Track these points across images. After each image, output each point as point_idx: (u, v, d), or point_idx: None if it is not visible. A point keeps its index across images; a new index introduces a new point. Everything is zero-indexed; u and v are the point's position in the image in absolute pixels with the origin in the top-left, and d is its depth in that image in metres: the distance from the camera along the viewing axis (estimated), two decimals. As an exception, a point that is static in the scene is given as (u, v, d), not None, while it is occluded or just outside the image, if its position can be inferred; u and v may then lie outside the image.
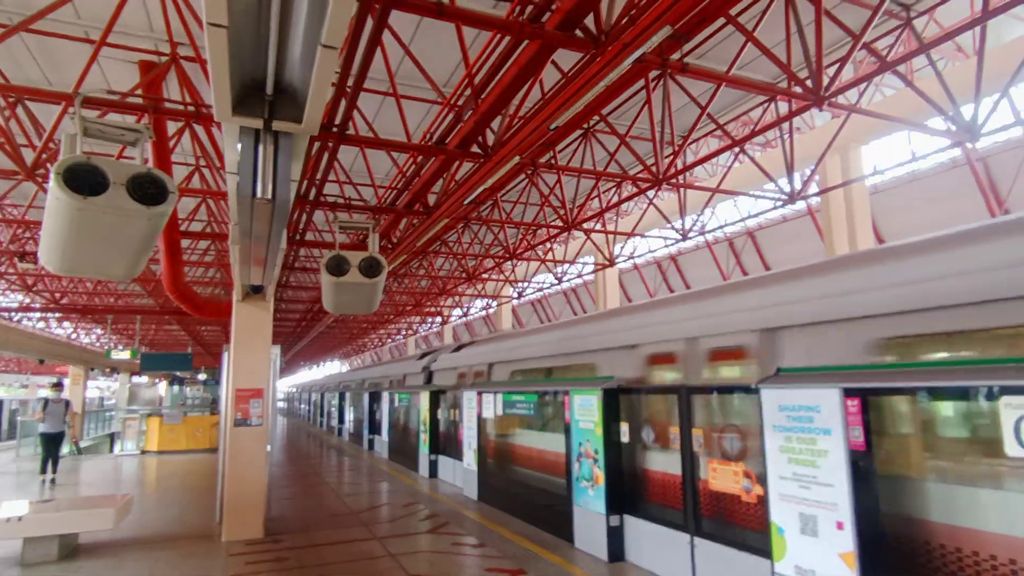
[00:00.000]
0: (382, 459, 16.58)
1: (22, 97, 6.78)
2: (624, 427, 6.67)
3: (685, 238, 11.74)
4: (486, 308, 22.29)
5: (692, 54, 8.43)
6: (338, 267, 6.51)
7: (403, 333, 34.88)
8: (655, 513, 6.14)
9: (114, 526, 7.14)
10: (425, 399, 13.19)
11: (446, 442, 12.68)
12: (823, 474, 4.12)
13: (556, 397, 7.93)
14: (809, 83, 6.25)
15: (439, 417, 12.98)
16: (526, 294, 19.48)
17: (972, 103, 6.39)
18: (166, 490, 11.50)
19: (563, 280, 16.50)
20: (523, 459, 8.83)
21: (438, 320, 29.50)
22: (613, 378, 6.84)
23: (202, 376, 25.00)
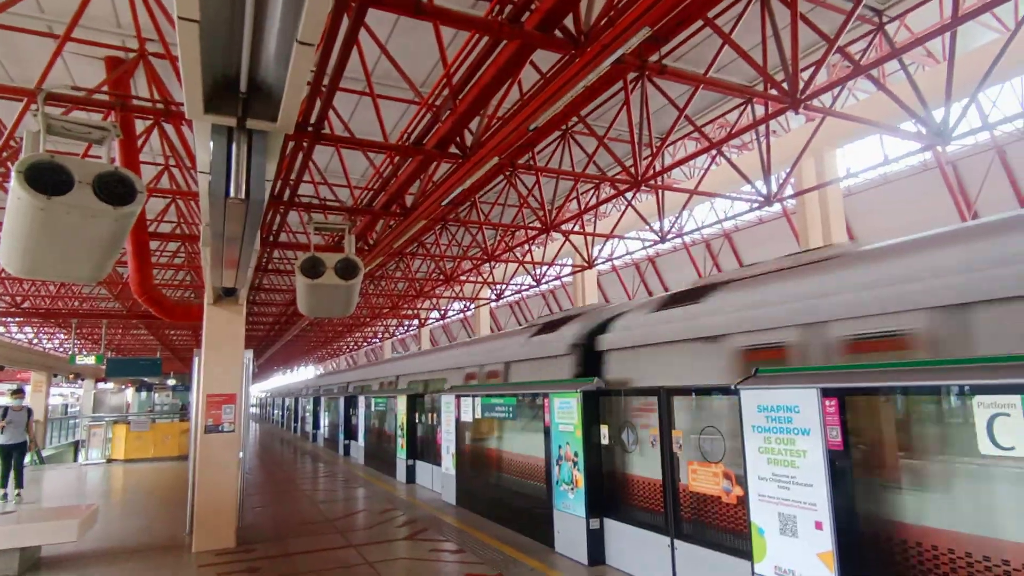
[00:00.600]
0: (358, 464, 16.36)
1: (-19, 93, 6.51)
2: (604, 429, 6.66)
3: (663, 240, 11.81)
4: (464, 310, 22.16)
5: (670, 56, 8.48)
6: (313, 269, 6.38)
7: (379, 336, 34.55)
8: (635, 516, 6.13)
9: (78, 538, 6.89)
10: (402, 403, 13.05)
11: (424, 446, 12.55)
12: (802, 474, 4.14)
13: (535, 399, 7.88)
14: (785, 86, 6.32)
15: (416, 421, 12.84)
16: (504, 296, 19.43)
17: (943, 107, 6.53)
18: (133, 500, 11.16)
19: (541, 282, 16.49)
20: (502, 463, 8.76)
21: (415, 323, 29.28)
22: (593, 380, 6.83)
23: (171, 382, 24.41)
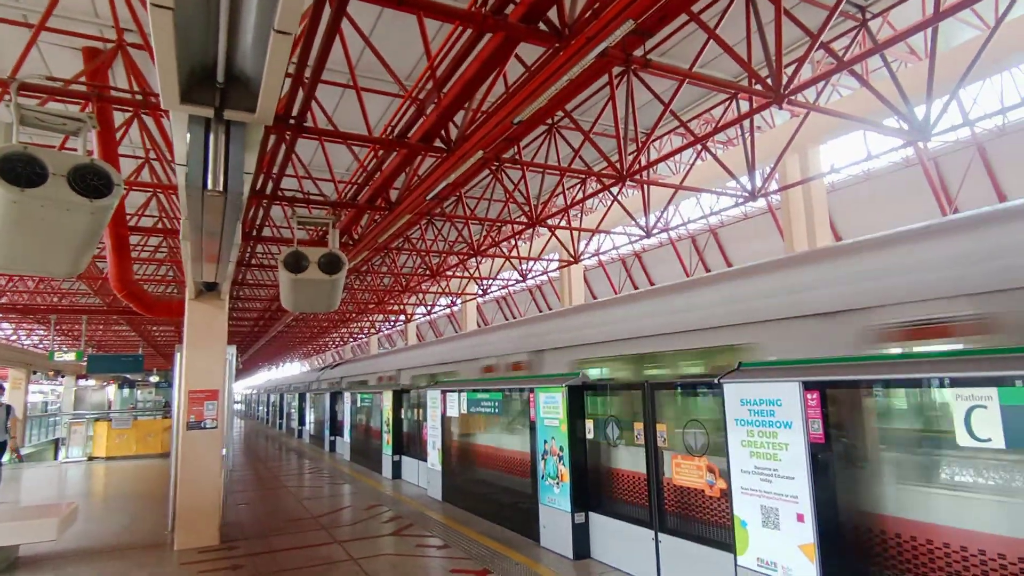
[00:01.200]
0: (344, 461, 16.28)
1: (-48, 83, 6.35)
2: (589, 424, 6.67)
3: (649, 235, 11.84)
4: (451, 306, 22.11)
5: (655, 51, 8.48)
6: (296, 264, 6.31)
7: (366, 332, 34.37)
8: (620, 510, 6.15)
9: (57, 537, 6.78)
10: (388, 399, 13.00)
11: (409, 442, 12.52)
12: (784, 467, 4.17)
13: (521, 394, 7.88)
14: (769, 81, 6.35)
15: (402, 417, 12.80)
16: (491, 291, 19.40)
17: (924, 103, 6.60)
18: (115, 497, 11.02)
19: (528, 277, 16.48)
20: (488, 458, 8.76)
21: (402, 318, 29.17)
22: (579, 374, 6.83)
23: (154, 378, 24.10)
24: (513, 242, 16.80)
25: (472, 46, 5.03)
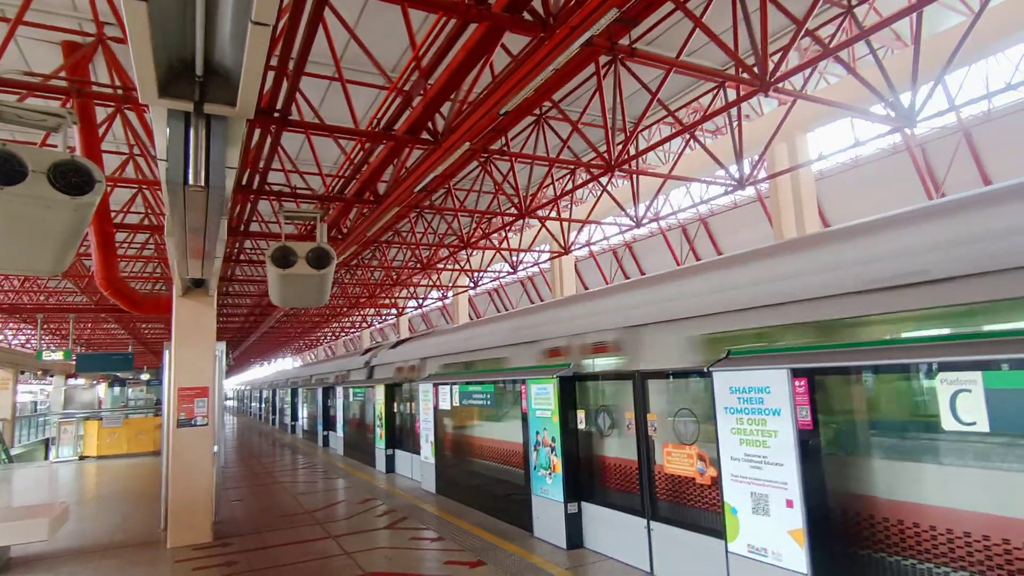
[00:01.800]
0: (338, 455, 16.27)
1: (-73, 79, 6.23)
2: (580, 414, 6.69)
3: (639, 225, 11.84)
4: (442, 299, 22.06)
5: (642, 40, 8.44)
6: (284, 258, 6.26)
7: (358, 326, 34.29)
8: (612, 499, 6.18)
9: (49, 537, 6.74)
10: (381, 392, 12.99)
11: (402, 436, 12.52)
12: (773, 454, 4.20)
13: (513, 386, 7.88)
14: (755, 69, 6.34)
15: (395, 411, 12.80)
16: (482, 283, 19.37)
17: (910, 90, 6.61)
18: (106, 496, 10.97)
19: (519, 269, 16.46)
20: (481, 450, 8.77)
21: (393, 312, 29.10)
22: (569, 365, 6.84)
23: (145, 376, 23.92)
24: (503, 234, 16.76)
25: (457, 36, 4.98)
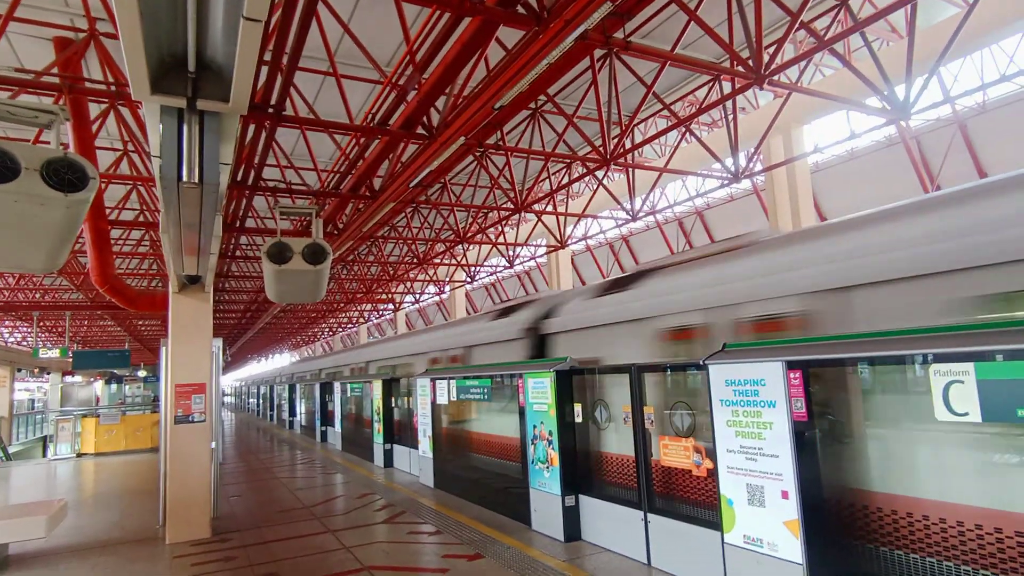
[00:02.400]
0: (336, 450, 16.30)
1: (-82, 76, 6.19)
2: (577, 408, 6.71)
3: (635, 219, 11.85)
4: (439, 293, 22.06)
5: (636, 33, 8.43)
6: (280, 254, 6.26)
7: (355, 321, 34.27)
8: (609, 492, 6.21)
9: (47, 534, 6.76)
10: (378, 387, 13.00)
11: (401, 430, 12.55)
12: (768, 445, 4.22)
13: (511, 380, 7.90)
14: (750, 62, 6.33)
15: (393, 405, 12.81)
16: (479, 278, 19.38)
17: (905, 82, 6.61)
18: (104, 493, 10.97)
19: (515, 263, 16.46)
20: (479, 444, 8.80)
21: (390, 307, 29.08)
22: (567, 359, 6.86)
23: (142, 373, 23.91)
24: (499, 228, 16.75)
25: (451, 30, 4.97)
